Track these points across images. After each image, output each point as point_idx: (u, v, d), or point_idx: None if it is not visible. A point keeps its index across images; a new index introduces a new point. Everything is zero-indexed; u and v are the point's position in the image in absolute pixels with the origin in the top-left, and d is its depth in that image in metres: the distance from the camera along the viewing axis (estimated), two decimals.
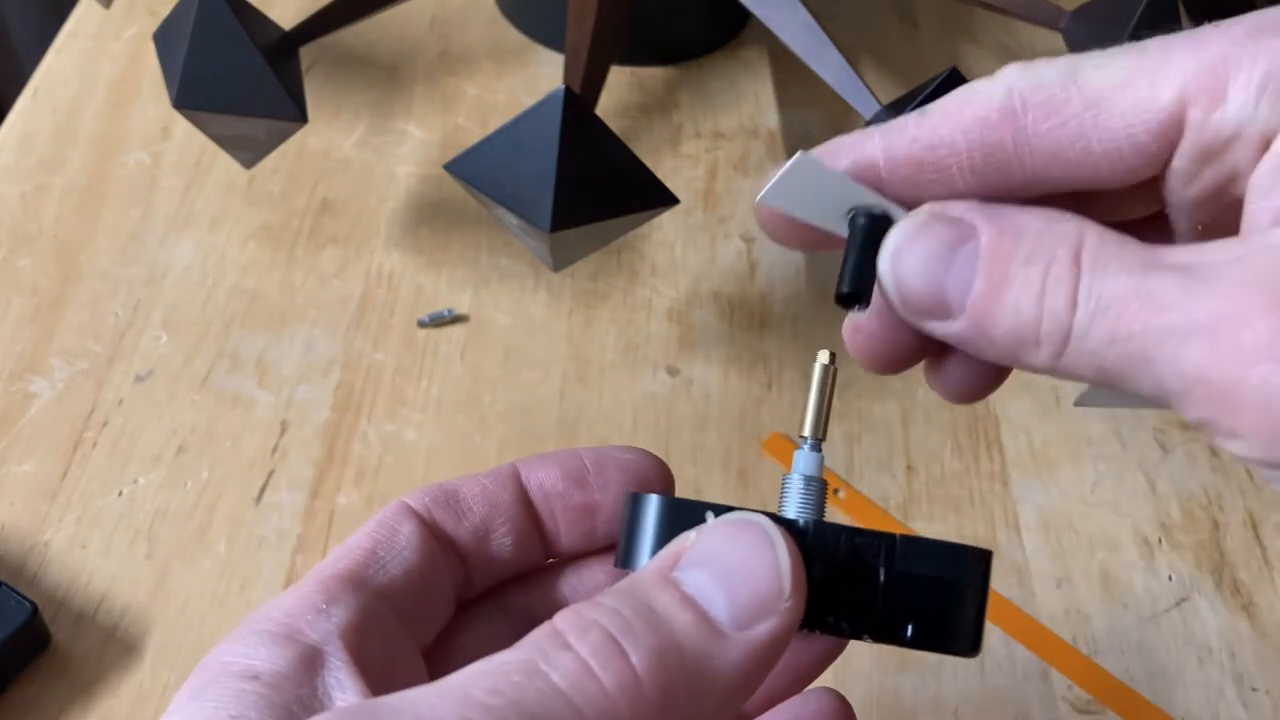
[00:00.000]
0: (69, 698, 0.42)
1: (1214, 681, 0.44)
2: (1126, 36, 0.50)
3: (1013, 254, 0.22)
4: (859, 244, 0.24)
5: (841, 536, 0.23)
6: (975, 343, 0.22)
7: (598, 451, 0.28)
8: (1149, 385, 0.21)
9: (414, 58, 0.68)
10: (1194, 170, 0.23)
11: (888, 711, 0.43)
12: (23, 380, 0.51)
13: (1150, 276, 0.21)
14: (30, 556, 0.45)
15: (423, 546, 0.25)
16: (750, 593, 0.21)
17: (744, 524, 0.22)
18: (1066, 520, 0.48)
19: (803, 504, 0.25)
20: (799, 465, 0.25)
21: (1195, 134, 0.22)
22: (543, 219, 0.42)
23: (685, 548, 0.22)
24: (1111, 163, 0.23)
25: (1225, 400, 0.20)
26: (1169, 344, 0.20)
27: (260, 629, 0.23)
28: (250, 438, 0.49)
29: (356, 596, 0.24)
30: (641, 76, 0.67)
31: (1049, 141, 0.23)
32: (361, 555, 0.25)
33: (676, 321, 0.55)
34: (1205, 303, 0.20)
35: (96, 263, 0.56)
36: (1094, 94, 0.22)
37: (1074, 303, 0.21)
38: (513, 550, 0.27)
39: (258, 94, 0.48)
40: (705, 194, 0.61)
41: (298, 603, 0.23)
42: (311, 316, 0.54)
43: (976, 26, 0.72)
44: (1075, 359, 0.21)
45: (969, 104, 0.24)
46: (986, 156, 0.23)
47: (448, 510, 0.26)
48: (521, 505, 0.27)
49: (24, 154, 0.61)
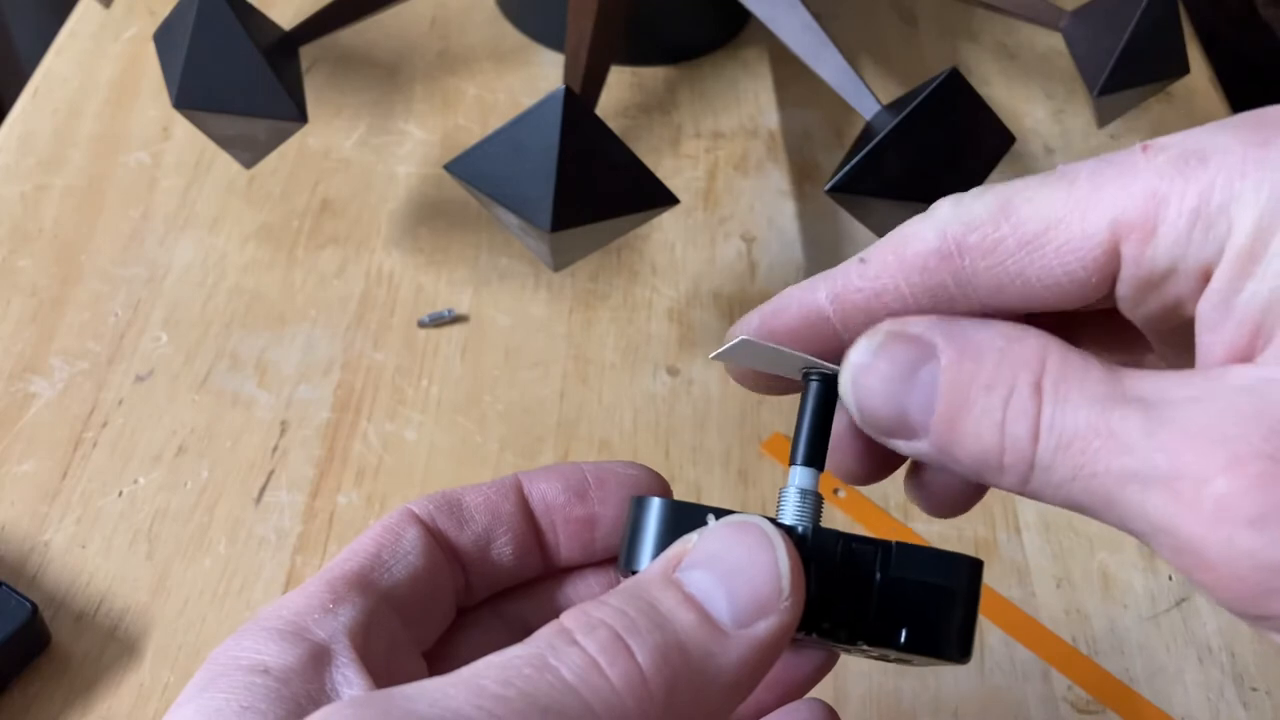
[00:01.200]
0: (69, 698, 0.42)
1: (1214, 681, 0.44)
2: (1126, 36, 0.50)
3: (973, 379, 0.22)
4: (812, 408, 0.25)
5: (838, 542, 0.24)
6: (942, 461, 0.22)
7: (599, 466, 0.28)
8: (1116, 523, 0.21)
9: (414, 58, 0.68)
10: (1139, 298, 0.22)
11: (888, 712, 0.43)
12: (23, 380, 0.51)
13: (1112, 412, 0.20)
14: (30, 556, 0.45)
15: (426, 552, 0.26)
16: (751, 592, 0.22)
17: (744, 526, 0.23)
18: (1066, 520, 0.48)
19: (799, 514, 0.25)
20: (795, 479, 0.26)
21: (1132, 267, 0.22)
22: (543, 219, 0.42)
23: (687, 549, 0.23)
24: (1055, 295, 0.23)
25: (1192, 554, 0.20)
26: (1131, 488, 0.20)
27: (269, 626, 0.23)
28: (250, 438, 0.49)
29: (362, 598, 0.24)
30: (641, 76, 0.67)
31: (989, 279, 0.23)
32: (367, 558, 0.25)
33: (676, 321, 0.55)
34: (1166, 450, 0.20)
35: (96, 263, 0.56)
36: (1027, 233, 0.22)
37: (1035, 435, 0.21)
38: (513, 559, 0.27)
39: (258, 94, 0.48)
40: (705, 194, 0.61)
41: (305, 602, 0.24)
42: (311, 316, 0.54)
43: (976, 26, 0.72)
44: (1040, 488, 0.21)
45: (905, 249, 0.24)
46: (932, 296, 0.24)
47: (451, 518, 0.27)
48: (523, 515, 0.27)
49: (24, 154, 0.61)
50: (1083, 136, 0.65)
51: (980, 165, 0.47)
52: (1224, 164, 0.21)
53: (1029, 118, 0.67)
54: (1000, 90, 0.68)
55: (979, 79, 0.69)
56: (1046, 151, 0.65)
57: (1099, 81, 0.51)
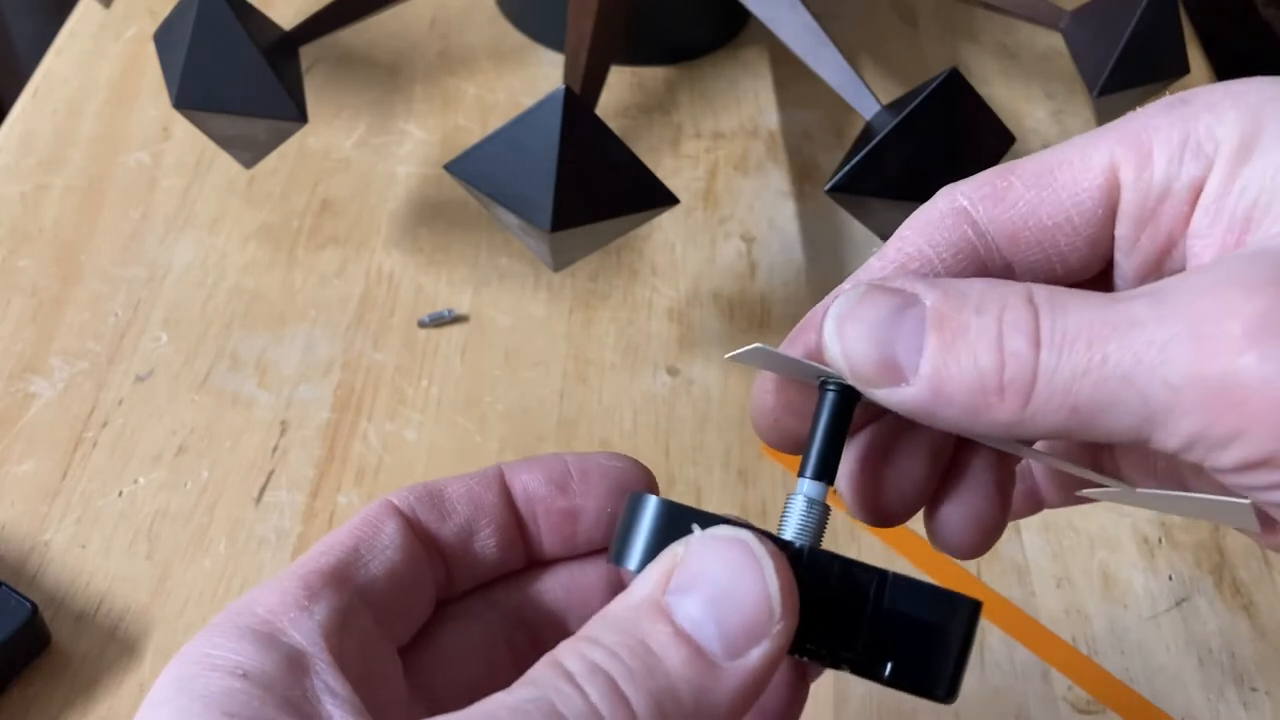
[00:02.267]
0: (69, 698, 0.42)
1: (1214, 681, 0.44)
2: (1126, 36, 0.50)
3: (962, 307, 0.22)
4: (826, 419, 0.25)
5: (835, 565, 0.23)
6: (931, 407, 0.22)
7: (583, 458, 0.28)
8: (1130, 414, 0.20)
9: (414, 58, 0.68)
10: (1136, 234, 0.24)
11: (888, 711, 0.43)
12: (23, 380, 0.51)
13: (1114, 305, 0.21)
14: (30, 556, 0.45)
15: (405, 545, 0.25)
16: (741, 620, 0.22)
17: (731, 541, 0.22)
18: (1066, 520, 0.48)
19: (801, 528, 0.25)
20: (802, 490, 0.25)
21: (1131, 192, 0.24)
22: (543, 219, 0.42)
23: (675, 564, 0.22)
24: (1066, 235, 0.24)
25: (1220, 396, 0.19)
26: (1148, 356, 0.20)
27: (243, 624, 0.23)
28: (250, 438, 0.49)
29: (338, 594, 0.24)
30: (641, 76, 0.67)
31: (1004, 225, 0.24)
32: (344, 552, 0.25)
33: (676, 321, 0.55)
34: (1181, 311, 0.20)
35: (96, 263, 0.56)
36: (1031, 176, 0.24)
37: (1036, 340, 0.21)
38: (496, 552, 0.27)
39: (258, 94, 0.48)
40: (705, 194, 0.61)
41: (279, 599, 0.23)
42: (311, 316, 0.54)
43: (976, 26, 0.72)
44: (1044, 403, 0.21)
45: (919, 218, 0.25)
46: (956, 254, 0.24)
47: (432, 510, 0.26)
48: (506, 507, 0.27)
49: (24, 154, 0.61)
50: None
51: (980, 165, 0.47)
52: (1207, 100, 0.23)
53: (1029, 118, 0.67)
54: (1000, 90, 0.68)
55: (979, 79, 0.69)
56: None
57: (1099, 81, 0.51)
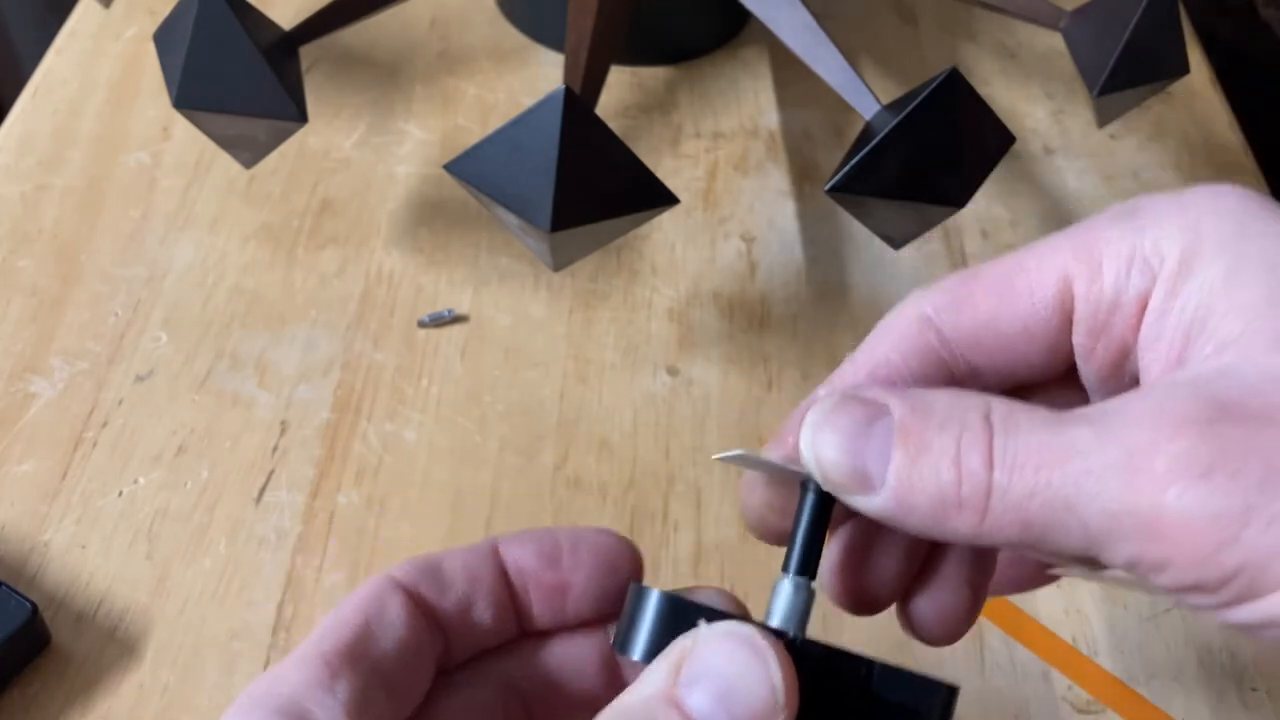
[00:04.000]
0: (69, 698, 0.42)
1: (1214, 681, 0.44)
2: (1126, 36, 0.50)
3: (926, 423, 0.23)
4: (807, 518, 0.27)
5: (824, 654, 0.25)
6: (897, 515, 0.24)
7: (573, 532, 0.29)
8: (1076, 534, 0.22)
9: (414, 58, 0.68)
10: (1091, 342, 0.26)
11: None
12: (23, 380, 0.51)
13: (1061, 430, 0.22)
14: (30, 556, 0.45)
15: (410, 621, 0.26)
16: (748, 711, 0.23)
17: (739, 636, 0.24)
18: None
19: (787, 616, 0.26)
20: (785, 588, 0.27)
21: (1083, 304, 0.25)
22: (543, 219, 0.42)
23: (683, 658, 0.24)
24: (1025, 342, 0.26)
25: (1149, 527, 0.21)
26: (1087, 485, 0.21)
27: (271, 705, 0.24)
28: (250, 438, 0.49)
29: (356, 674, 0.25)
30: (641, 76, 0.67)
31: (967, 334, 0.26)
32: (356, 630, 0.26)
33: (676, 321, 0.55)
34: (1116, 442, 0.21)
35: (96, 263, 0.56)
36: (991, 284, 0.26)
37: (989, 461, 0.22)
38: (491, 623, 0.28)
39: (258, 94, 0.48)
40: (705, 194, 0.61)
41: (302, 679, 0.24)
42: (311, 316, 0.54)
43: (976, 26, 0.72)
44: (999, 518, 0.22)
45: (887, 328, 0.27)
46: (922, 361, 0.26)
47: (433, 583, 0.27)
48: (500, 581, 0.28)
49: (24, 154, 0.61)
50: (1083, 136, 0.65)
51: (980, 165, 0.47)
52: (1154, 212, 0.25)
53: (1029, 118, 0.67)
54: (1000, 90, 0.68)
55: (979, 79, 0.69)
56: (1046, 152, 0.65)
57: (1099, 81, 0.51)
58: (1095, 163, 0.64)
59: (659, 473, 0.49)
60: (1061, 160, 0.64)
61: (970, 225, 0.60)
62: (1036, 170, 0.64)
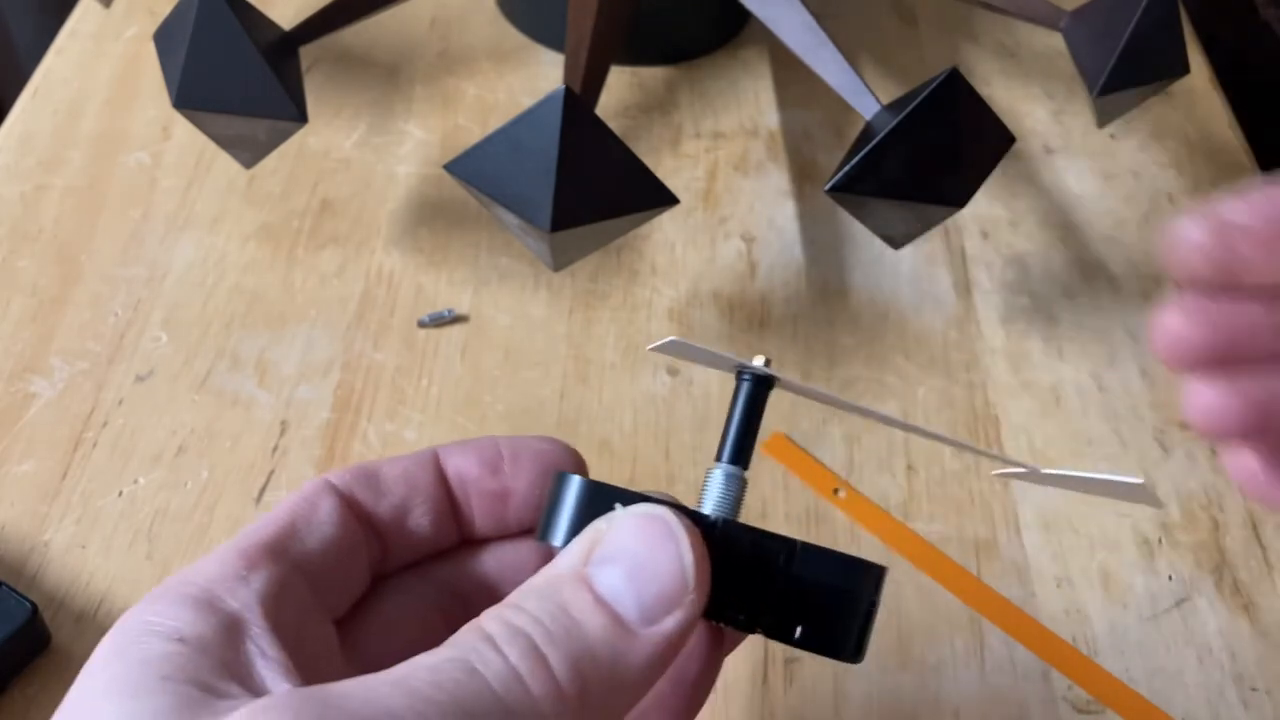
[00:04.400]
0: None
1: (1214, 681, 0.44)
2: (1126, 36, 0.50)
3: None
4: (742, 407, 0.27)
5: (747, 536, 0.25)
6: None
7: (514, 440, 0.29)
8: None
9: (414, 58, 0.68)
10: None
11: (888, 711, 0.43)
12: (23, 380, 0.51)
13: None
14: (30, 556, 0.45)
15: (341, 522, 0.27)
16: (657, 590, 0.23)
17: (650, 519, 0.24)
18: (1066, 520, 0.48)
19: (719, 501, 0.26)
20: (720, 468, 0.27)
21: None
22: (543, 219, 0.42)
23: (597, 539, 0.24)
24: None
25: None
26: None
27: (181, 593, 0.23)
28: (250, 438, 0.49)
29: (275, 566, 0.25)
30: (641, 76, 0.67)
31: None
32: (282, 526, 0.26)
33: (676, 321, 0.55)
34: None
35: (96, 263, 0.56)
36: None
37: None
38: (430, 530, 0.28)
39: (258, 94, 0.48)
40: (705, 194, 0.61)
41: (218, 569, 0.24)
42: (311, 316, 0.54)
43: (976, 26, 0.72)
44: None
45: None
46: None
47: (368, 489, 0.28)
48: (440, 488, 0.28)
49: (24, 154, 0.61)
50: (1083, 136, 0.65)
51: (980, 165, 0.47)
52: None
53: (1029, 118, 0.67)
54: (1000, 90, 0.68)
55: (979, 79, 0.69)
56: (1046, 151, 0.65)
57: (1099, 81, 0.51)
58: (1095, 163, 0.64)
59: (659, 473, 0.49)
60: (1061, 160, 0.64)
61: (970, 225, 0.60)
62: (1036, 170, 0.64)
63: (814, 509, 0.48)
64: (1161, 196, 0.63)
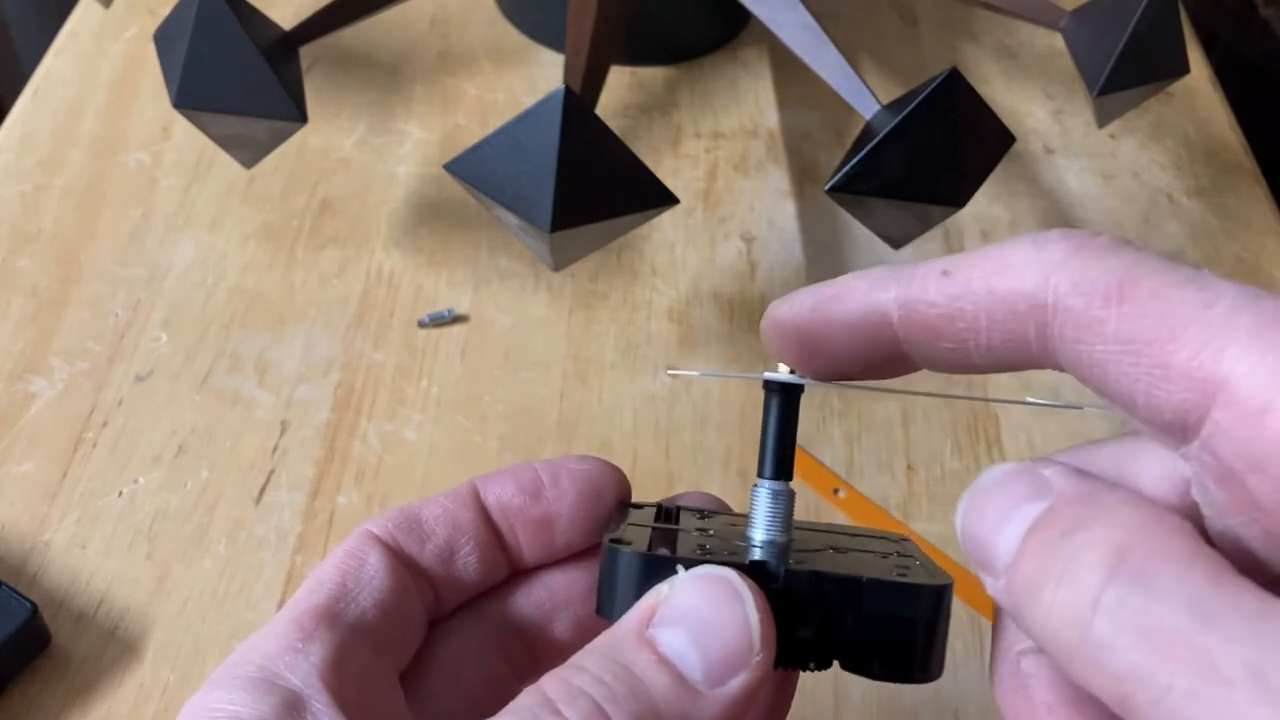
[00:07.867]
0: (69, 698, 0.42)
1: None
2: (1126, 36, 0.50)
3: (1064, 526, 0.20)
4: (775, 420, 0.26)
5: (809, 580, 0.24)
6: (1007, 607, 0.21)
7: (551, 464, 0.28)
8: None
9: (414, 58, 0.68)
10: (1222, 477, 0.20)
11: (888, 711, 0.43)
12: (23, 380, 0.51)
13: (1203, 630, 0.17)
14: (30, 556, 0.45)
15: (391, 574, 0.26)
16: (722, 650, 0.22)
17: (714, 579, 0.23)
18: None
19: (771, 523, 0.26)
20: (764, 484, 0.26)
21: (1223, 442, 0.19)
22: (543, 219, 0.42)
23: (659, 602, 0.23)
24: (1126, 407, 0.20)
25: None
26: None
27: (240, 674, 0.23)
28: (250, 438, 0.49)
29: (331, 632, 0.24)
30: (641, 76, 0.67)
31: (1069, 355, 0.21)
32: (332, 589, 0.25)
33: (676, 321, 0.55)
34: None
35: (96, 263, 0.56)
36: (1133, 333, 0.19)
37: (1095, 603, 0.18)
38: (478, 568, 0.27)
39: (258, 94, 0.48)
40: (705, 194, 0.61)
41: (274, 644, 0.24)
42: (311, 316, 0.54)
43: (976, 26, 0.72)
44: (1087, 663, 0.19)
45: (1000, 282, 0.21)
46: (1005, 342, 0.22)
47: (411, 535, 0.27)
48: (483, 523, 0.28)
49: (24, 154, 0.61)
50: (1083, 136, 0.65)
51: (980, 165, 0.47)
52: None
53: (1029, 118, 0.67)
54: (1000, 90, 0.68)
55: (979, 79, 0.69)
56: (1046, 151, 0.65)
57: (1099, 81, 0.51)
58: (1095, 163, 0.64)
59: (659, 473, 0.49)
60: (1061, 160, 0.64)
61: (970, 225, 0.60)
62: (1036, 170, 0.64)
63: (814, 509, 0.48)
64: (1161, 196, 0.63)
